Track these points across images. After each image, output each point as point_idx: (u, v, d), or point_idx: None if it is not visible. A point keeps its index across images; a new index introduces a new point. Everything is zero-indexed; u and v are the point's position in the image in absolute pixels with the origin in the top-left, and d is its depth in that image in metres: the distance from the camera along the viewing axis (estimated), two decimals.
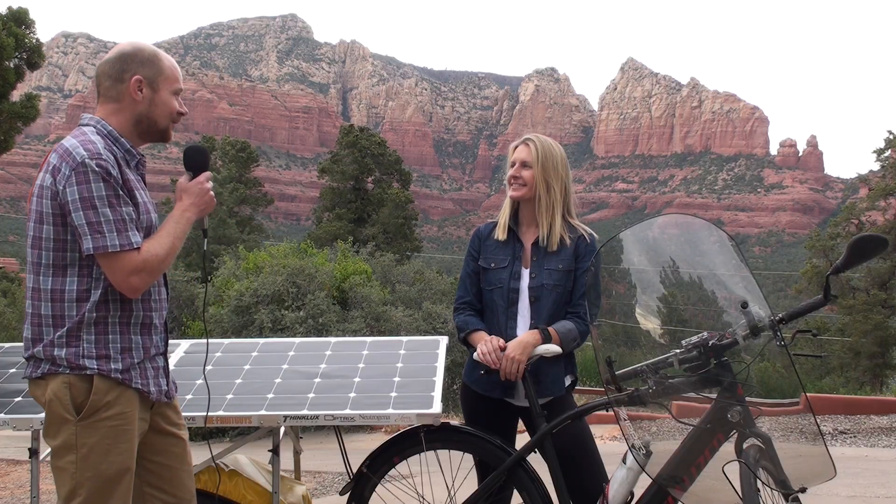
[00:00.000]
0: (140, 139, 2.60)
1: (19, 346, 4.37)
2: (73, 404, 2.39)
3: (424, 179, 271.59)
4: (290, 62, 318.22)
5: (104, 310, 2.44)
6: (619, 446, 7.67)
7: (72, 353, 2.41)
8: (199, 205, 2.60)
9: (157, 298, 2.60)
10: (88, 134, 2.47)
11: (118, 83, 2.53)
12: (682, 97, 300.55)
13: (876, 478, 6.47)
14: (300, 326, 11.65)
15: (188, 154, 2.68)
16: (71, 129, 2.59)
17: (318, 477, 7.56)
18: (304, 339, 4.44)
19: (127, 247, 2.36)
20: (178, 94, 2.63)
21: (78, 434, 2.38)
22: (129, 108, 2.54)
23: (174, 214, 2.56)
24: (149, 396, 2.54)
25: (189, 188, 2.60)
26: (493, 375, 3.18)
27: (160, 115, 2.58)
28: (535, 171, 3.27)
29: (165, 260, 2.46)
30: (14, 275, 43.87)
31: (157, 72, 2.55)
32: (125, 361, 2.46)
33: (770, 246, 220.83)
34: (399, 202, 37.18)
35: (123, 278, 2.38)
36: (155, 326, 2.58)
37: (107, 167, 2.38)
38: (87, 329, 2.43)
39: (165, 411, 2.66)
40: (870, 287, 30.32)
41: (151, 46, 2.61)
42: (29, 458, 3.67)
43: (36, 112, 19.24)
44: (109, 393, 2.42)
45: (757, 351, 2.74)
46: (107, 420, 2.40)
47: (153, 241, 2.46)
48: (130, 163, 2.53)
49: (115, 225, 2.36)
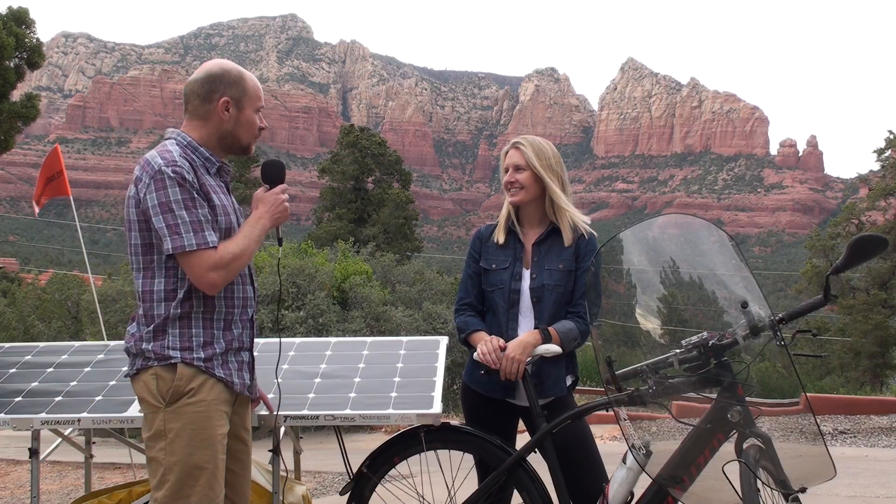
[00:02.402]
0: (224, 152, 2.77)
1: (20, 346, 4.38)
2: (160, 392, 2.55)
3: (424, 179, 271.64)
4: (290, 62, 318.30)
5: (188, 306, 2.60)
6: (619, 446, 7.67)
7: (158, 346, 2.58)
8: (274, 213, 2.75)
9: (241, 296, 2.74)
10: (168, 145, 2.65)
11: (206, 103, 2.70)
12: (682, 97, 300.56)
13: (876, 478, 6.47)
14: (300, 326, 11.65)
15: (266, 167, 2.84)
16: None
17: (318, 477, 7.56)
18: (305, 339, 4.44)
19: (203, 245, 2.52)
20: (259, 111, 2.79)
21: (166, 420, 2.53)
22: (215, 126, 2.71)
23: (250, 220, 2.72)
24: (233, 388, 2.67)
25: (265, 198, 2.77)
26: (493, 376, 3.18)
27: (244, 132, 2.76)
28: (534, 170, 3.26)
29: (240, 258, 2.61)
30: (14, 275, 43.84)
31: (242, 92, 2.72)
32: (207, 352, 2.61)
33: (770, 246, 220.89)
34: (399, 202, 37.16)
35: (202, 274, 2.52)
36: (237, 322, 2.72)
37: (181, 172, 2.54)
38: (171, 324, 2.59)
39: (243, 413, 2.79)
40: (870, 287, 30.30)
41: (237, 67, 2.77)
42: (29, 458, 3.67)
43: (36, 112, 19.25)
44: (193, 380, 2.56)
45: (757, 351, 2.74)
46: (191, 406, 2.54)
47: (230, 242, 2.61)
48: (210, 169, 2.70)
49: (192, 226, 2.52)
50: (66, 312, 19.79)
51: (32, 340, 16.56)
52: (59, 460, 8.41)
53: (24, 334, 18.37)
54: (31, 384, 3.77)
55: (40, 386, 3.75)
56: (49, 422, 3.45)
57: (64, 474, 8.27)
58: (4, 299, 21.92)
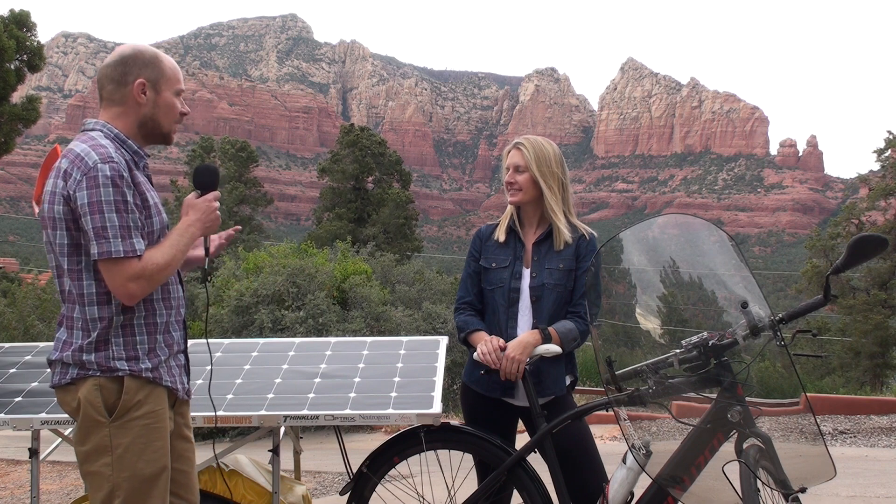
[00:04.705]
0: (145, 141, 2.62)
1: (19, 346, 4.37)
2: (105, 406, 2.42)
3: (424, 179, 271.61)
4: (290, 62, 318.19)
5: (129, 312, 2.48)
6: (619, 446, 7.67)
7: (101, 357, 2.44)
8: (206, 222, 2.61)
9: (176, 296, 2.64)
10: (98, 138, 2.48)
11: (121, 86, 2.54)
12: (682, 97, 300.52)
13: (876, 478, 6.47)
14: (300, 326, 11.65)
15: (198, 172, 2.70)
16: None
17: (318, 477, 7.56)
18: (304, 339, 4.44)
19: (130, 253, 2.38)
20: (179, 94, 2.64)
21: (112, 435, 2.41)
22: (133, 111, 2.56)
23: (179, 227, 2.57)
24: (176, 393, 2.59)
25: (196, 205, 2.62)
26: (493, 375, 3.18)
27: (164, 116, 2.60)
28: (531, 173, 3.27)
29: (165, 270, 2.46)
30: (14, 275, 43.81)
31: (159, 74, 2.57)
32: (153, 360, 2.50)
33: (770, 246, 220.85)
34: (399, 202, 37.17)
35: (122, 283, 2.38)
36: (174, 324, 2.63)
37: (119, 170, 2.40)
38: (115, 332, 2.46)
39: (185, 412, 2.70)
40: (870, 287, 30.30)
41: (152, 48, 2.62)
42: (29, 458, 3.67)
43: (37, 114, 19.27)
44: (140, 392, 2.45)
45: (757, 351, 2.74)
46: (139, 419, 2.43)
47: (155, 251, 2.46)
48: (139, 164, 2.56)
49: (120, 231, 2.37)
50: None
51: (32, 340, 16.55)
52: (59, 460, 8.42)
53: (24, 334, 18.34)
54: (31, 384, 3.77)
55: (40, 386, 3.75)
56: (49, 422, 3.45)
57: (64, 474, 8.27)
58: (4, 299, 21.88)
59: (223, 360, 3.97)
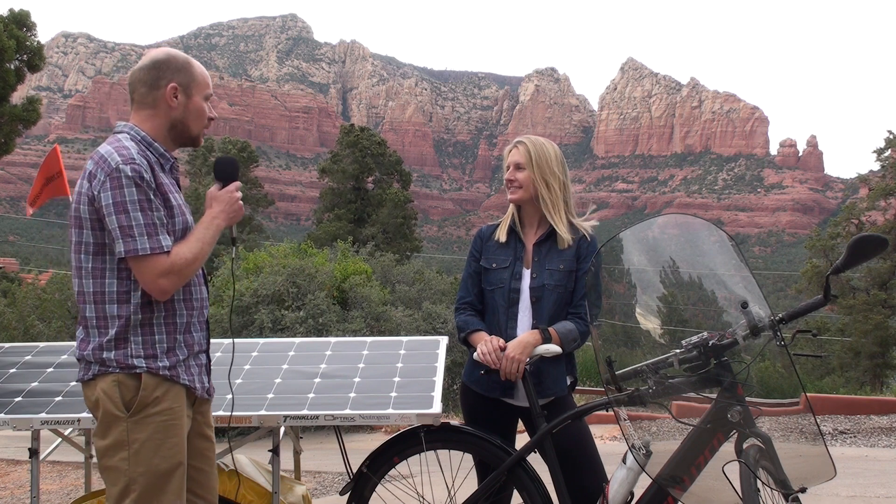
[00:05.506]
0: (174, 144, 2.69)
1: (20, 346, 4.38)
2: (122, 401, 2.48)
3: (424, 179, 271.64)
4: (290, 62, 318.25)
5: (149, 311, 2.53)
6: (619, 446, 7.67)
7: (120, 355, 2.50)
8: (229, 212, 2.68)
9: (198, 297, 2.69)
10: (122, 140, 2.55)
11: (153, 90, 2.61)
12: (682, 97, 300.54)
13: (876, 478, 6.47)
14: (300, 326, 11.65)
15: (219, 164, 2.75)
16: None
17: (318, 477, 7.56)
18: (304, 339, 4.44)
19: (157, 250, 2.45)
20: (208, 99, 2.72)
21: (129, 430, 2.47)
22: (163, 115, 2.63)
23: (204, 220, 2.64)
24: (195, 392, 2.63)
25: (219, 196, 2.69)
26: (493, 375, 3.18)
27: (193, 120, 2.67)
28: (531, 172, 3.27)
29: (194, 263, 2.54)
30: (14, 275, 43.82)
31: (190, 78, 2.64)
32: (171, 359, 2.56)
33: (770, 246, 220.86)
34: (399, 202, 37.17)
35: (152, 280, 2.46)
36: (196, 325, 2.67)
37: (140, 171, 2.46)
38: (133, 331, 2.52)
39: (206, 411, 2.75)
40: (870, 287, 30.31)
41: (183, 54, 2.70)
42: (29, 458, 3.67)
43: (37, 115, 19.27)
44: (157, 389, 2.51)
45: (757, 351, 2.74)
46: (156, 416, 2.49)
47: (182, 246, 2.53)
48: (164, 166, 2.62)
49: (146, 229, 2.44)
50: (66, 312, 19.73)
51: (32, 340, 16.53)
52: (59, 460, 8.42)
53: (24, 334, 18.32)
54: (31, 384, 3.77)
55: (40, 386, 3.75)
56: (49, 422, 3.45)
57: (64, 474, 8.27)
58: (4, 299, 21.85)
59: (223, 360, 3.96)
